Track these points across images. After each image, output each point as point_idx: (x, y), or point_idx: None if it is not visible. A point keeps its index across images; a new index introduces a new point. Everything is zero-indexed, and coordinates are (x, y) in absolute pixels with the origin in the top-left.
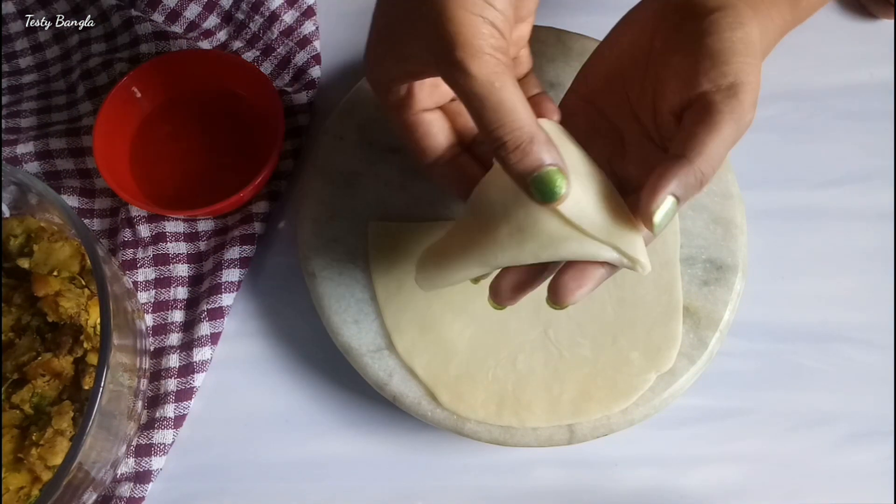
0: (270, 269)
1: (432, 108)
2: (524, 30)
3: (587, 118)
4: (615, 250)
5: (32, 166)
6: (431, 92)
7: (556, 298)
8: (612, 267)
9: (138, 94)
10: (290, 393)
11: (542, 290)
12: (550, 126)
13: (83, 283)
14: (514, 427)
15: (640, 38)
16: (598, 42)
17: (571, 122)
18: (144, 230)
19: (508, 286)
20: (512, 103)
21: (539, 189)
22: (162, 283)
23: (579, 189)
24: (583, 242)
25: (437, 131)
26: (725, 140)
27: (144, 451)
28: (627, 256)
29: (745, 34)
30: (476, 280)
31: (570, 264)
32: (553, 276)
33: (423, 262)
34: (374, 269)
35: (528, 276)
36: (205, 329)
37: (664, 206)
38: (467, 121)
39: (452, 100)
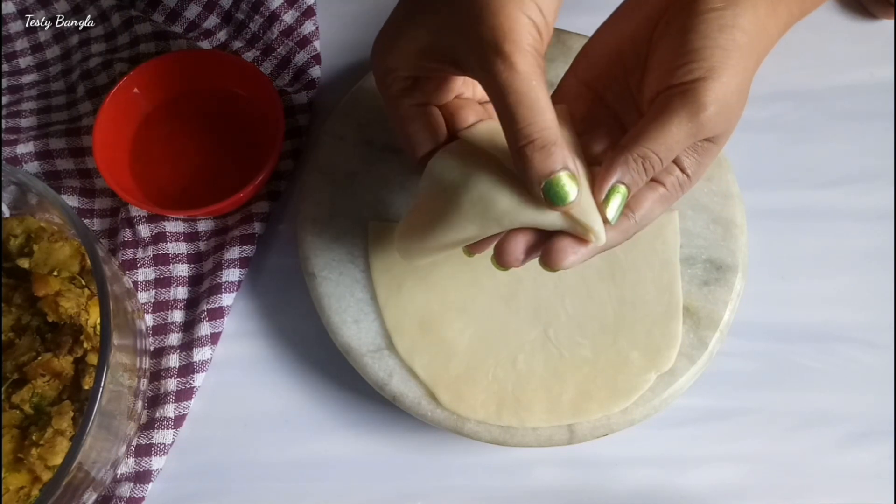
0: (270, 269)
1: (431, 103)
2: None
3: (587, 104)
4: (568, 216)
5: (32, 166)
6: (434, 87)
7: (549, 261)
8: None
9: (138, 94)
10: (290, 393)
11: (543, 290)
12: (560, 108)
13: (83, 283)
14: (514, 427)
15: (644, 25)
16: None
17: (571, 108)
18: (144, 230)
19: (521, 249)
20: (546, 103)
21: (550, 191)
22: (162, 283)
23: None
24: (540, 210)
25: (433, 125)
26: (673, 133)
27: (144, 451)
28: (580, 223)
29: (731, 36)
30: (469, 252)
31: (564, 234)
32: (549, 241)
33: (400, 237)
34: (374, 269)
35: (538, 239)
36: (205, 329)
37: (614, 200)
38: (464, 121)
39: (456, 96)
